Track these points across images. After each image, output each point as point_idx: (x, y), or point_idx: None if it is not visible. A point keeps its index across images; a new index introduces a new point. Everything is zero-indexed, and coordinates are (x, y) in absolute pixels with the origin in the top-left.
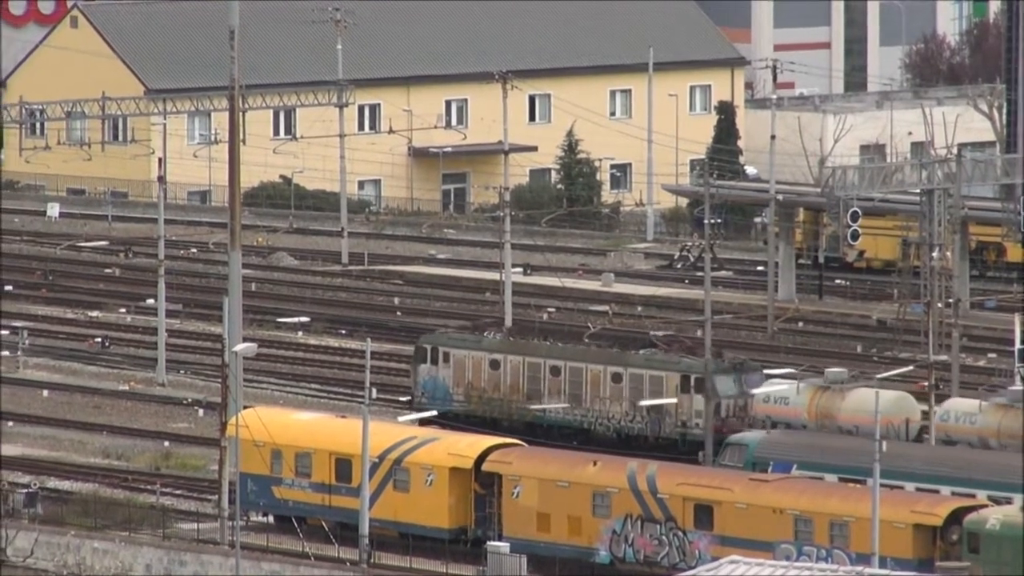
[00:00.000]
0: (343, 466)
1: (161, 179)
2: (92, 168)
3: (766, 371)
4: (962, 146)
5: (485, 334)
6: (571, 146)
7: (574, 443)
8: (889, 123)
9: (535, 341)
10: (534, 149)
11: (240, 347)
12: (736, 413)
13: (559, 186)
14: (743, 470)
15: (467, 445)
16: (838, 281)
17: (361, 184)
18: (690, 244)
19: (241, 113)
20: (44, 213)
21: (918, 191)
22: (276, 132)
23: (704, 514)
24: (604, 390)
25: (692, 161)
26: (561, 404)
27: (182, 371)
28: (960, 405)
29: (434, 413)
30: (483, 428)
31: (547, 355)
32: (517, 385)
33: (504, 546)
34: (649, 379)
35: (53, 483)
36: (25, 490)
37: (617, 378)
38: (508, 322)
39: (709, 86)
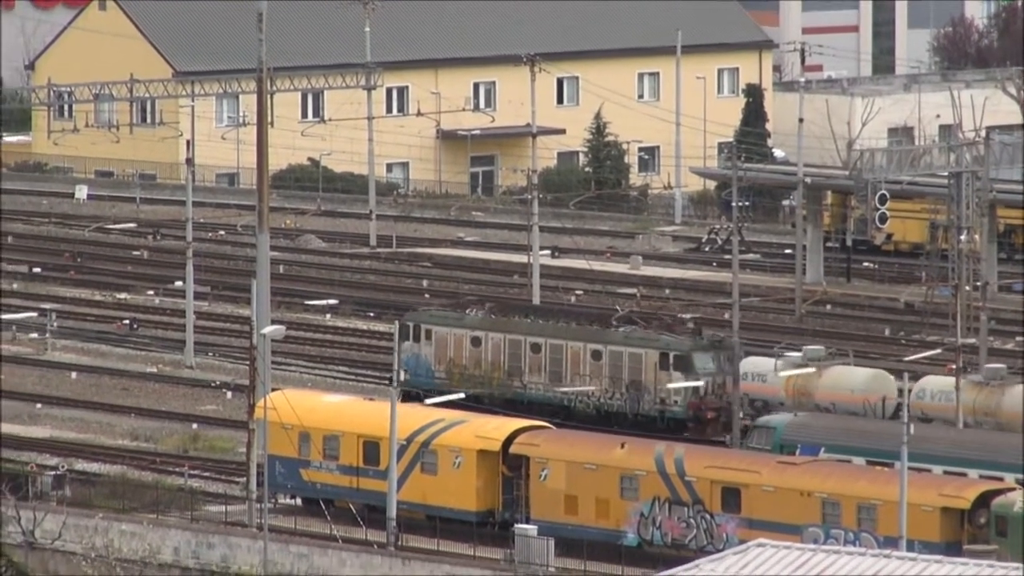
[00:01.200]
0: (371, 449)
1: (189, 161)
2: (120, 150)
3: (794, 354)
4: (990, 129)
5: (467, 312)
6: (599, 129)
7: (554, 421)
8: (917, 106)
9: (516, 319)
10: (562, 132)
11: (268, 329)
12: (715, 391)
13: (587, 169)
14: (771, 453)
15: (495, 427)
16: (866, 264)
17: (389, 167)
18: (718, 227)
19: (269, 95)
20: (72, 195)
21: (946, 174)
22: (304, 114)
23: (732, 497)
24: (584, 367)
25: (720, 144)
26: (593, 388)
27: (210, 353)
28: (935, 383)
29: (462, 396)
30: (463, 405)
31: (528, 332)
32: (498, 362)
33: (532, 529)
34: (628, 356)
35: (81, 465)
36: (53, 472)
37: (597, 355)
38: (536, 303)
39: (737, 69)
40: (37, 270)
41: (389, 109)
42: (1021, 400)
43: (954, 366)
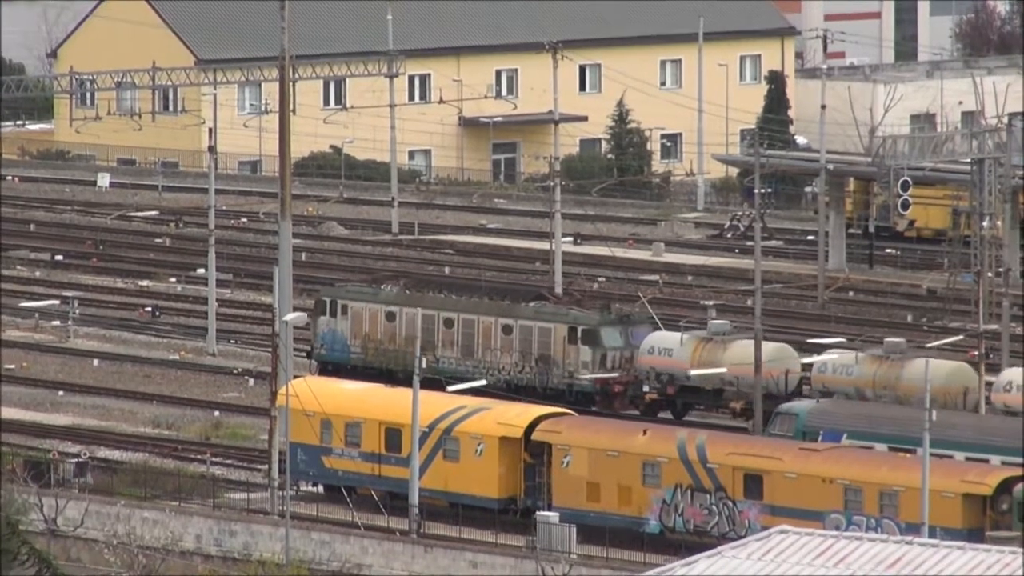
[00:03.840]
0: (393, 436)
1: (211, 149)
2: (142, 138)
3: (816, 340)
4: (1012, 115)
5: (382, 287)
6: (621, 116)
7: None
8: (939, 93)
9: (430, 294)
10: (584, 119)
11: (290, 317)
12: (622, 364)
13: (609, 156)
14: (793, 439)
15: (516, 414)
16: (888, 250)
17: (411, 154)
18: (740, 214)
19: (291, 83)
20: (94, 183)
21: (968, 160)
22: (326, 102)
23: (754, 484)
24: (495, 342)
25: (742, 131)
26: (615, 374)
27: (232, 341)
28: (836, 357)
29: (483, 383)
30: (378, 379)
31: (441, 307)
32: (412, 337)
33: (554, 516)
34: (538, 331)
35: (103, 453)
36: (75, 460)
37: (507, 330)
38: (559, 290)
39: (759, 56)
40: (59, 258)
41: (411, 96)
42: (920, 374)
43: (976, 353)
